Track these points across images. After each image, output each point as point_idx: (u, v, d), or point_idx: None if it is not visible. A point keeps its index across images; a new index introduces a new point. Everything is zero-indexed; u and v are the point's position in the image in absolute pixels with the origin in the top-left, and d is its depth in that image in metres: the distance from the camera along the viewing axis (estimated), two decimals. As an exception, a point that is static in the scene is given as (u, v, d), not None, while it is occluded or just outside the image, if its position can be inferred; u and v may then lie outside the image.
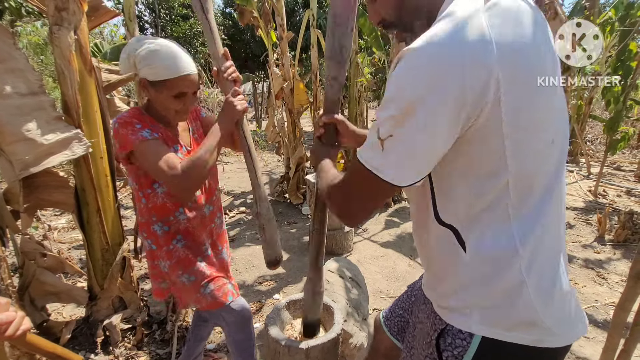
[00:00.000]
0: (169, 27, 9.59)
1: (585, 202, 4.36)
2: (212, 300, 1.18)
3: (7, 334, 0.51)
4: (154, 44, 1.02)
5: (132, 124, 1.04)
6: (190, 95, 1.09)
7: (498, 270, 0.60)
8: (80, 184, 1.59)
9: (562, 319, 0.62)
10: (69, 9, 1.39)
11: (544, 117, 0.57)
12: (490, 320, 0.62)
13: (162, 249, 1.16)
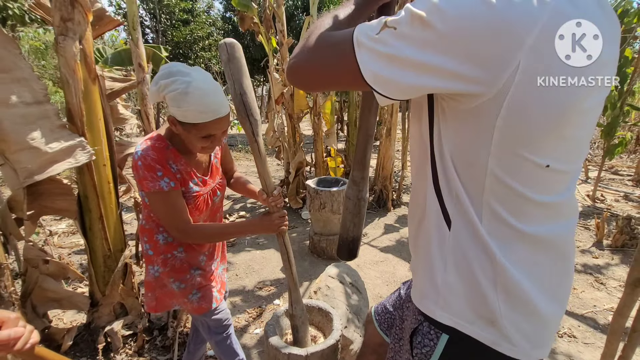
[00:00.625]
0: (169, 32, 9.63)
1: (583, 206, 4.38)
2: (198, 306, 1.23)
3: (16, 348, 0.53)
4: (186, 85, 0.94)
5: (154, 170, 1.01)
6: (219, 135, 1.06)
7: (472, 261, 0.59)
8: (83, 191, 1.60)
9: (530, 334, 0.61)
10: (74, 20, 1.42)
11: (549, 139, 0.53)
12: (454, 308, 0.62)
13: (159, 256, 1.19)
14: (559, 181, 0.57)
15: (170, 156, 1.06)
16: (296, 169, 4.13)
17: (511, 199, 0.56)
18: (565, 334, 2.08)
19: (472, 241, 0.59)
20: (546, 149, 0.53)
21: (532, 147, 0.52)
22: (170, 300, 1.26)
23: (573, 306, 2.35)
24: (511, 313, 0.60)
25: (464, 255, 0.60)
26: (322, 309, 1.46)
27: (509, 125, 0.51)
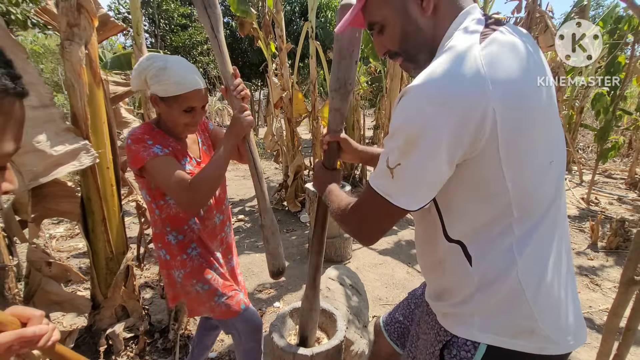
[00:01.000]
0: (168, 36, 9.67)
1: (579, 209, 4.45)
2: (226, 309, 1.22)
3: (39, 344, 0.55)
4: (164, 62, 1.05)
5: (144, 140, 1.07)
6: (199, 109, 1.13)
7: (499, 280, 0.64)
8: (86, 193, 1.61)
9: (560, 327, 0.65)
10: (80, 25, 1.44)
11: (542, 143, 0.62)
12: (493, 328, 0.66)
13: (177, 259, 1.19)
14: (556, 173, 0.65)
15: (158, 135, 1.12)
16: (295, 173, 4.16)
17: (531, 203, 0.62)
18: (562, 334, 2.11)
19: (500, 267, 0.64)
20: (545, 151, 0.60)
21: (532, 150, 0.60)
22: (198, 307, 1.25)
23: (569, 307, 2.39)
24: (547, 318, 0.64)
25: (493, 281, 0.64)
26: (326, 310, 1.48)
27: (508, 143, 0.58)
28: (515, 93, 0.57)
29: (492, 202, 0.61)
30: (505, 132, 0.56)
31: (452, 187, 0.63)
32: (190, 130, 1.17)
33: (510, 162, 0.58)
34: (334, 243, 2.99)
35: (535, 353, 0.64)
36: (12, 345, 0.51)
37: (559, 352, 0.66)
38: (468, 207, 0.64)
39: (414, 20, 0.64)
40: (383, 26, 0.68)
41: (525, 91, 0.58)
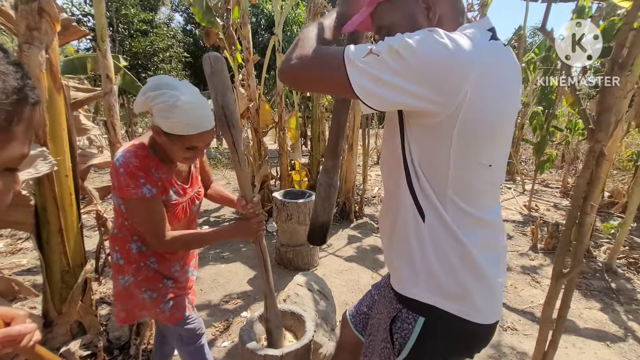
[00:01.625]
0: (127, 41, 9.26)
1: (522, 215, 4.91)
2: (170, 315, 1.22)
3: (22, 344, 0.55)
4: (175, 99, 0.97)
5: (137, 177, 1.02)
6: (202, 147, 1.09)
7: (448, 247, 0.73)
8: (41, 202, 1.53)
9: (489, 301, 0.77)
10: (41, 29, 1.40)
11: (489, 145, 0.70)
12: (432, 288, 0.75)
13: (131, 265, 1.18)
14: (496, 176, 0.75)
15: (152, 164, 1.07)
16: (261, 182, 4.17)
17: (467, 192, 0.71)
18: (508, 327, 2.33)
19: (442, 229, 0.73)
20: (488, 153, 0.70)
21: (479, 151, 0.69)
22: (140, 312, 1.24)
23: (514, 303, 2.64)
24: (477, 286, 0.74)
25: (437, 241, 0.73)
26: (295, 312, 1.52)
27: (462, 136, 0.66)
28: (492, 87, 0.63)
29: (440, 166, 0.70)
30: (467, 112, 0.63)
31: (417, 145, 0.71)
32: (187, 163, 1.16)
33: (458, 145, 0.66)
34: (301, 251, 3.04)
35: (462, 317, 0.75)
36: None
37: (483, 322, 0.76)
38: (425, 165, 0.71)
39: (421, 27, 0.69)
40: (390, 31, 0.71)
41: (499, 97, 0.65)
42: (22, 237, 3.47)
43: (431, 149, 0.70)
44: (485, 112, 0.65)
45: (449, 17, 0.71)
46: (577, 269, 1.54)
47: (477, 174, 0.71)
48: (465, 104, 0.62)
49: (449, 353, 0.80)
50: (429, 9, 0.69)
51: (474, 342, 0.81)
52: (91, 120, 2.15)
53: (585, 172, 1.44)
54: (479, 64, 0.61)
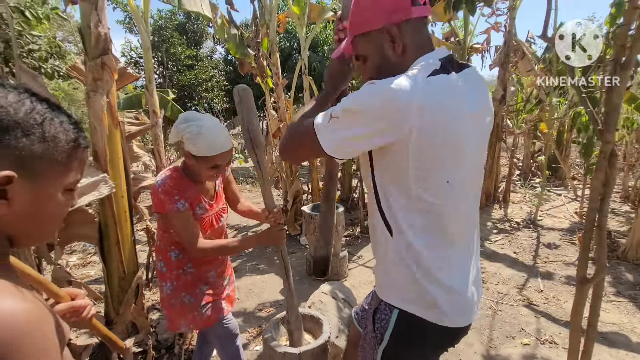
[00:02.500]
0: (175, 76, 10.36)
1: (571, 223, 4.56)
2: (207, 318, 1.39)
3: (82, 315, 0.75)
4: (199, 128, 1.21)
5: (172, 195, 1.26)
6: (223, 165, 1.32)
7: (409, 261, 0.82)
8: (103, 219, 1.85)
9: (457, 309, 0.84)
10: (103, 79, 1.74)
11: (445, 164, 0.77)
12: (403, 297, 0.85)
13: (172, 272, 1.38)
14: (458, 194, 0.82)
15: (184, 184, 1.31)
16: (294, 198, 4.38)
17: (429, 211, 0.80)
18: (546, 340, 2.21)
19: (407, 245, 0.82)
20: (450, 172, 0.79)
21: (439, 172, 0.78)
22: (179, 320, 1.40)
23: (555, 315, 2.49)
24: (444, 297, 0.82)
25: (404, 257, 0.83)
26: (314, 316, 1.64)
27: (418, 162, 0.76)
28: (436, 117, 0.72)
29: (402, 191, 0.79)
30: (421, 137, 0.72)
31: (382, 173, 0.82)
32: (211, 180, 1.40)
33: (416, 171, 0.76)
34: (331, 262, 3.14)
35: (433, 322, 0.83)
36: (65, 313, 0.72)
37: (454, 326, 0.84)
38: (390, 190, 0.81)
39: (388, 57, 0.82)
40: (365, 59, 0.86)
41: (445, 127, 0.73)
42: (92, 252, 4.00)
43: (393, 175, 0.80)
44: (435, 138, 0.73)
45: (412, 47, 0.82)
46: (602, 274, 1.48)
47: (439, 193, 0.79)
48: (413, 136, 0.72)
49: (424, 346, 0.88)
50: (394, 41, 0.82)
51: (446, 339, 0.90)
52: (144, 149, 2.51)
53: (599, 173, 1.41)
54: (417, 101, 0.70)
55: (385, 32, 0.80)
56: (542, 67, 5.61)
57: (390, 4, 0.78)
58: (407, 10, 0.78)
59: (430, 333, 0.85)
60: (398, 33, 0.80)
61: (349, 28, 0.87)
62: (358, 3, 0.83)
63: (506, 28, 4.96)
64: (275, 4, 3.96)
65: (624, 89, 1.31)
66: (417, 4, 0.79)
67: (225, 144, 1.26)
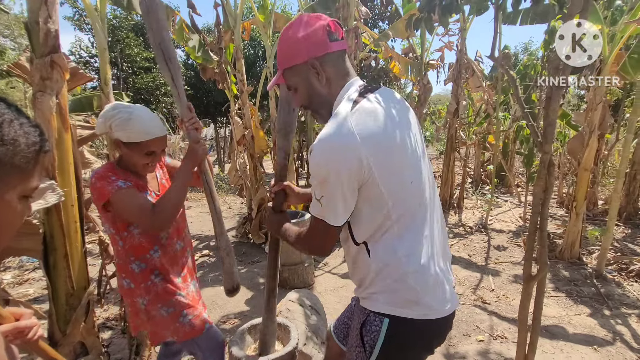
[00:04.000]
0: (131, 79, 9.78)
1: (517, 226, 4.98)
2: (191, 328, 1.31)
3: (28, 336, 0.68)
4: (128, 114, 1.18)
5: (108, 176, 1.19)
6: (159, 152, 1.27)
7: (388, 267, 0.88)
8: (49, 230, 1.69)
9: (439, 299, 0.91)
10: (52, 78, 1.62)
11: (404, 169, 0.88)
12: (389, 302, 0.89)
13: (140, 286, 1.29)
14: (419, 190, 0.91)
15: (120, 173, 1.24)
16: (258, 206, 4.31)
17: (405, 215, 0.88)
18: (498, 336, 2.38)
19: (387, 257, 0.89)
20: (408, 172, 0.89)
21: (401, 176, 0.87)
22: (162, 331, 1.32)
23: (505, 312, 2.69)
24: (425, 290, 0.88)
25: (383, 268, 0.89)
26: (281, 323, 1.62)
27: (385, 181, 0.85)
28: (377, 143, 0.83)
29: (378, 212, 0.87)
30: (377, 167, 0.83)
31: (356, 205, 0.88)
32: (149, 170, 1.32)
33: (385, 184, 0.85)
34: (297, 270, 3.13)
35: (420, 318, 0.88)
36: (8, 335, 0.65)
37: (439, 316, 0.90)
38: (364, 217, 0.89)
39: (315, 87, 0.93)
40: (296, 89, 0.96)
41: (384, 141, 0.85)
42: (29, 268, 3.60)
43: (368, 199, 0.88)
44: (386, 160, 0.85)
45: (335, 78, 0.92)
46: (544, 271, 1.64)
47: (408, 193, 0.89)
48: (373, 169, 0.83)
49: (414, 347, 0.93)
50: (318, 73, 0.91)
51: (434, 333, 0.95)
52: (95, 155, 2.34)
53: (539, 181, 1.58)
54: (358, 142, 0.81)
55: (309, 65, 0.90)
56: (489, 84, 6.14)
57: (310, 41, 0.88)
58: (326, 45, 0.88)
59: (419, 333, 0.90)
60: (320, 65, 0.90)
61: (278, 62, 0.96)
62: (283, 41, 0.92)
63: (458, 47, 5.39)
64: (240, 11, 3.94)
65: (558, 106, 1.49)
66: (335, 40, 0.90)
67: (158, 129, 1.22)
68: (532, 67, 4.92)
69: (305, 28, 0.89)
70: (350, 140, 0.81)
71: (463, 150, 8.81)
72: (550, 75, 1.48)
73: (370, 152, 0.82)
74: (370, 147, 0.82)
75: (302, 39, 0.88)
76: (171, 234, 1.37)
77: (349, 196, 0.85)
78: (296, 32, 0.89)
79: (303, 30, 0.89)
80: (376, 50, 5.50)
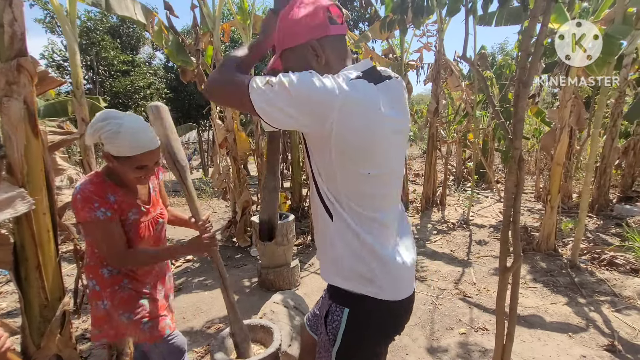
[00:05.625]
0: (108, 82, 9.50)
1: (497, 221, 5.12)
2: (150, 334, 1.30)
3: None
4: (118, 126, 1.13)
5: (92, 201, 1.15)
6: (151, 165, 1.23)
7: (351, 240, 0.89)
8: (20, 240, 1.62)
9: (393, 282, 0.92)
10: (19, 83, 1.56)
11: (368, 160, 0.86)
12: (347, 277, 0.91)
13: (107, 290, 1.26)
14: (382, 182, 0.91)
15: (108, 189, 1.20)
16: (243, 209, 4.28)
17: (357, 196, 0.89)
18: (479, 328, 2.44)
19: (345, 226, 0.89)
20: (367, 164, 0.87)
21: (356, 164, 0.86)
22: (125, 331, 1.31)
23: (486, 304, 2.77)
24: (380, 270, 0.90)
25: (343, 237, 0.90)
26: (264, 325, 1.62)
27: (338, 153, 0.84)
28: (355, 114, 0.80)
29: (330, 181, 0.87)
30: (338, 135, 0.80)
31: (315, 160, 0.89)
32: (141, 183, 1.29)
33: (337, 159, 0.84)
34: (282, 272, 3.13)
35: (372, 297, 0.90)
36: None
37: (390, 299, 0.92)
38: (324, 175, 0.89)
39: (314, 68, 0.88)
40: (294, 71, 0.91)
41: (366, 122, 0.82)
42: (2, 281, 3.45)
43: (322, 163, 0.88)
44: (352, 134, 0.82)
45: (334, 61, 0.92)
46: (518, 263, 1.70)
47: (361, 181, 0.88)
48: (334, 128, 0.80)
49: (374, 334, 0.94)
50: (318, 55, 0.91)
51: (389, 318, 0.96)
52: (68, 161, 2.27)
53: (511, 175, 1.63)
54: (341, 98, 0.79)
55: (308, 47, 0.90)
56: (468, 83, 6.31)
57: (311, 23, 0.88)
58: (326, 27, 0.89)
59: (375, 314, 0.91)
60: (320, 47, 0.90)
61: (277, 44, 0.95)
62: (284, 21, 0.91)
63: (436, 48, 5.51)
64: (218, 13, 3.91)
65: (525, 104, 1.55)
66: (335, 23, 0.90)
67: (149, 142, 1.19)
68: (507, 66, 5.09)
69: (305, 9, 0.89)
70: (337, 94, 0.78)
71: (444, 148, 9.00)
72: (517, 75, 1.54)
73: (343, 115, 0.79)
74: (345, 112, 0.79)
75: (301, 19, 0.88)
76: (149, 245, 1.36)
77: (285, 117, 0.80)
78: (296, 13, 0.89)
79: (303, 11, 0.88)
80: (356, 51, 5.55)
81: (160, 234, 1.42)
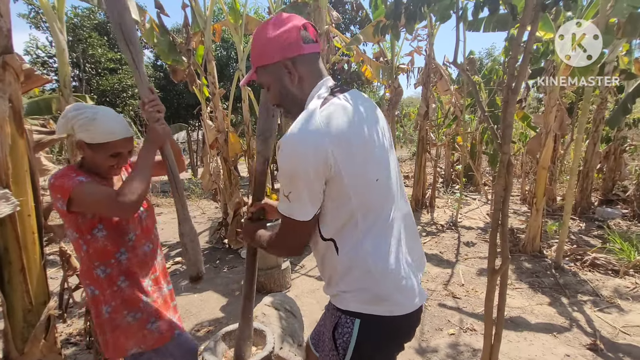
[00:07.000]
0: (94, 80, 9.28)
1: (485, 223, 5.22)
2: (159, 335, 1.26)
3: None
4: (93, 114, 1.14)
5: (68, 174, 1.14)
6: (125, 154, 1.23)
7: (356, 266, 0.90)
8: (3, 243, 1.57)
9: (405, 295, 0.93)
10: (4, 80, 1.52)
11: (369, 167, 0.90)
12: (358, 299, 0.91)
13: (106, 292, 1.22)
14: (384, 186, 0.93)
15: (83, 175, 1.17)
16: (234, 210, 4.24)
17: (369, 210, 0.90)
18: (468, 329, 2.49)
19: (353, 255, 0.91)
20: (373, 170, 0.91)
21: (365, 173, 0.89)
22: (127, 342, 1.24)
23: (474, 305, 2.82)
24: (393, 287, 0.91)
25: (350, 265, 0.91)
26: (257, 328, 1.61)
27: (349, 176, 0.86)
28: (344, 139, 0.85)
29: (343, 208, 0.89)
30: (343, 162, 0.85)
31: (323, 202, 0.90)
32: (114, 173, 1.27)
33: (349, 181, 0.86)
34: (273, 274, 3.11)
35: (386, 315, 0.91)
36: None
37: (405, 312, 0.93)
38: (330, 213, 0.91)
39: (286, 86, 0.94)
40: (268, 87, 0.97)
41: (351, 137, 0.87)
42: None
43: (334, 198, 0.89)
44: (353, 156, 0.86)
45: (306, 77, 0.93)
46: (506, 265, 1.74)
47: (372, 190, 0.91)
48: (339, 164, 0.85)
49: (386, 345, 0.95)
50: (290, 73, 0.93)
51: (402, 330, 0.97)
52: (53, 160, 2.21)
53: (500, 179, 1.67)
54: (326, 138, 0.83)
55: (282, 65, 0.92)
56: (457, 87, 6.42)
57: (284, 42, 0.89)
58: (299, 47, 0.90)
59: (388, 330, 0.93)
60: (293, 66, 0.91)
61: (252, 60, 0.97)
62: (257, 39, 0.94)
63: (427, 52, 5.59)
64: (210, 13, 3.88)
65: (514, 109, 1.59)
66: (309, 42, 0.92)
67: (124, 129, 1.19)
68: (495, 72, 5.20)
69: (278, 28, 0.90)
70: (318, 135, 0.82)
71: (434, 151, 9.13)
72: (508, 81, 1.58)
73: (337, 147, 0.83)
74: (337, 142, 0.84)
75: (275, 39, 0.90)
76: (139, 235, 1.31)
77: (317, 190, 0.86)
78: (270, 31, 0.90)
79: (277, 31, 0.90)
80: (348, 53, 5.59)
81: (149, 224, 1.37)
